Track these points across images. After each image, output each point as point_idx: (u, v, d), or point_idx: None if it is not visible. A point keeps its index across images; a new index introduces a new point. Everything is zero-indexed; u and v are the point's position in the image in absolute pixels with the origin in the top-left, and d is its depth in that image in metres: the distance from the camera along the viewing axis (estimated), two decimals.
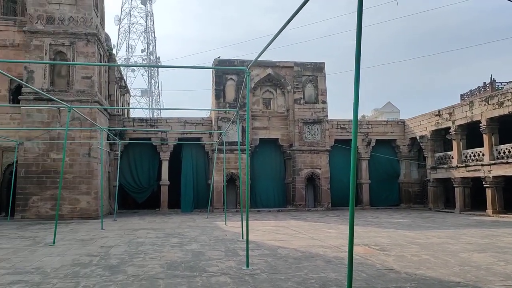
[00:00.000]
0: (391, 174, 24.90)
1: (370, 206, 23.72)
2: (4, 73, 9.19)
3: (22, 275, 6.89)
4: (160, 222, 16.45)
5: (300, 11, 5.44)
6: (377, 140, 24.49)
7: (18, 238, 11.68)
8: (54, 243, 10.43)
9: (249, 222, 8.49)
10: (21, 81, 11.84)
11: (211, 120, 23.11)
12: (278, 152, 24.12)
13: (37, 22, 18.30)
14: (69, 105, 11.23)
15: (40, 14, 18.34)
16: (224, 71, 22.76)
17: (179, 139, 22.52)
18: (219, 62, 22.81)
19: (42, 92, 12.19)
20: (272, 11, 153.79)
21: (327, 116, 23.46)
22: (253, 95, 23.26)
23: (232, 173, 21.98)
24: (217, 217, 18.34)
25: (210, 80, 23.97)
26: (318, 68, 23.81)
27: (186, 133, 22.80)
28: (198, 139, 22.82)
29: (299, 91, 23.33)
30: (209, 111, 24.25)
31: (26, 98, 17.99)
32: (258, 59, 7.79)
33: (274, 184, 23.77)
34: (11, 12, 20.59)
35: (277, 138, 23.51)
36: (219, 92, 22.81)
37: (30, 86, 11.73)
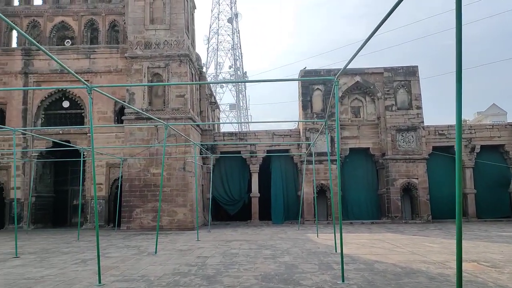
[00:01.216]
0: (501, 183, 22.41)
1: (476, 218, 21.60)
2: (111, 96, 10.14)
3: (129, 283, 7.37)
4: (252, 234, 16.67)
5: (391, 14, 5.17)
6: (482, 146, 22.33)
7: (125, 248, 12.62)
8: (156, 252, 11.09)
9: (342, 234, 8.18)
10: (124, 103, 12.98)
11: (299, 132, 23.05)
12: (370, 162, 23.19)
13: (136, 48, 19.94)
14: (165, 123, 11.95)
15: (139, 40, 19.97)
16: (310, 82, 22.60)
17: (268, 151, 22.79)
18: (305, 73, 22.78)
19: (142, 112, 13.22)
20: (356, 19, 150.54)
21: (422, 122, 22.05)
22: (341, 104, 22.74)
23: (322, 184, 21.60)
24: (308, 229, 18.09)
25: (296, 92, 23.97)
26: (410, 72, 22.58)
27: (274, 145, 23.01)
28: (287, 150, 22.86)
29: (390, 98, 22.31)
30: (297, 122, 24.24)
31: (128, 118, 19.56)
32: (346, 67, 7.58)
33: (366, 195, 22.83)
34: (114, 41, 22.78)
35: (368, 147, 22.64)
36: (306, 103, 22.71)
37: (132, 107, 12.76)
